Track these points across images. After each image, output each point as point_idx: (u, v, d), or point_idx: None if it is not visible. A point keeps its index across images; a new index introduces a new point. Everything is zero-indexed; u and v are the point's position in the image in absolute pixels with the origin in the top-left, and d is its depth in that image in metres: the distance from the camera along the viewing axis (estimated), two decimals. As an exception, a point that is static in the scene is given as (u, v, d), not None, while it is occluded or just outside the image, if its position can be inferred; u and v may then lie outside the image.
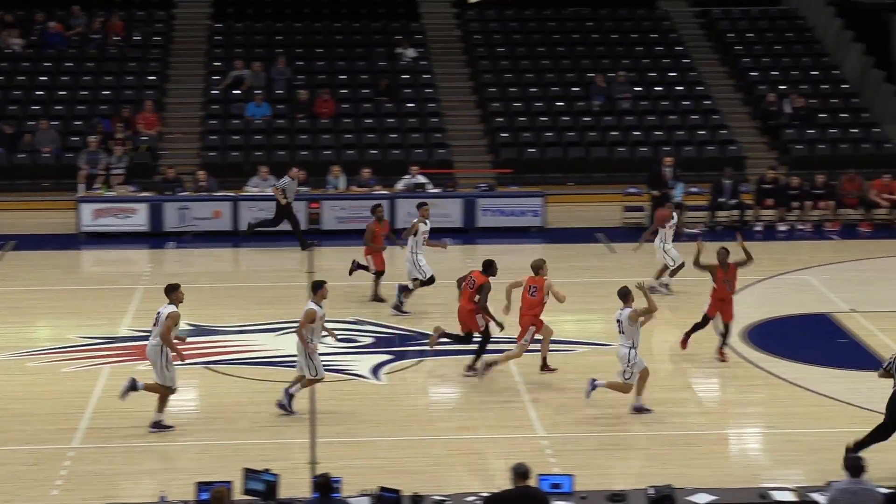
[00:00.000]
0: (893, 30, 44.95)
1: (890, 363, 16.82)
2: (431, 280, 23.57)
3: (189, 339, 20.21)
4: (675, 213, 24.86)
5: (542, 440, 18.04)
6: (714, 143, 34.01)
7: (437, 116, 35.13)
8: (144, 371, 18.93)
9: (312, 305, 18.04)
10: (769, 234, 29.58)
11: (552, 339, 20.47)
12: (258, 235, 28.87)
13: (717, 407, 19.99)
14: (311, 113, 34.73)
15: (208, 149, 33.67)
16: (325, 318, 18.43)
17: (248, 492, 14.04)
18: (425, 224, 23.54)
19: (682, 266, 24.23)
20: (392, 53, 37.27)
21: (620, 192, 30.96)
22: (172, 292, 17.92)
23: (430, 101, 35.74)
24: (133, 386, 17.95)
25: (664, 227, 24.43)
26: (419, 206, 23.98)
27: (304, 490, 15.23)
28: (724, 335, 21.10)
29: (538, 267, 20.22)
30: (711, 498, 14.37)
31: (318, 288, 18.20)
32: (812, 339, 22.22)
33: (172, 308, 17.74)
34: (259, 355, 21.30)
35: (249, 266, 28.13)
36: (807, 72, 37.36)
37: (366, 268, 24.28)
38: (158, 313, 17.81)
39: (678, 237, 24.98)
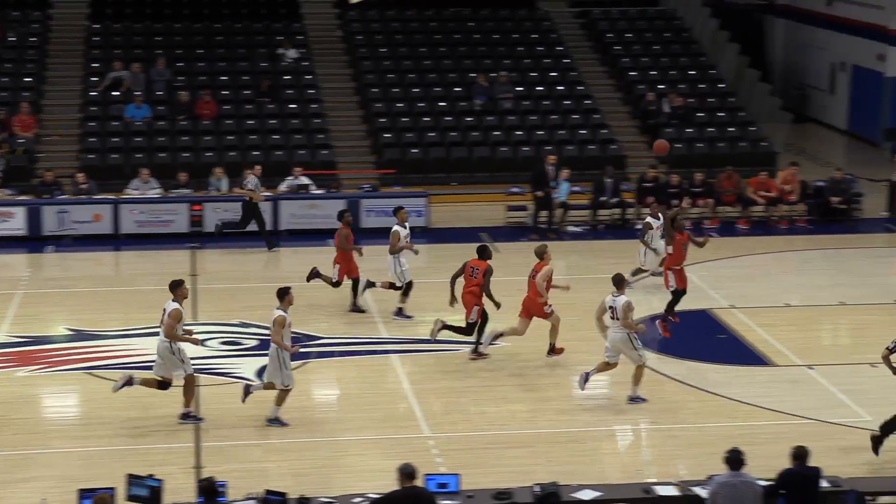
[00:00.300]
0: (767, 30, 45.88)
1: (894, 344, 17.38)
2: (408, 287, 23.29)
3: (70, 345, 19.95)
4: (659, 214, 24.79)
5: (429, 440, 18.09)
6: (595, 143, 34.34)
7: (319, 117, 35.02)
8: (23, 377, 18.61)
9: (280, 312, 18.00)
10: (650, 231, 29.93)
11: (446, 338, 20.56)
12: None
13: (601, 404, 20.18)
14: (192, 114, 34.42)
15: (87, 151, 33.20)
16: (213, 321, 18.31)
17: (131, 498, 13.90)
18: (404, 228, 23.33)
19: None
20: (274, 54, 37.07)
21: (503, 192, 31.11)
22: (177, 288, 18.12)
23: (313, 102, 35.62)
24: (129, 381, 18.20)
25: (652, 228, 24.55)
26: (396, 210, 23.74)
27: (189, 495, 15.12)
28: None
29: (541, 253, 20.90)
30: (596, 494, 14.54)
31: (284, 294, 18.12)
32: (693, 336, 22.53)
33: (176, 306, 17.96)
34: (142, 360, 21.06)
35: (131, 270, 27.79)
36: (684, 72, 37.88)
37: (328, 280, 23.63)
38: (164, 310, 18.06)
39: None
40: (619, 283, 19.17)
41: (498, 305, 21.15)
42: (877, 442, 17.29)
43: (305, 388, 20.13)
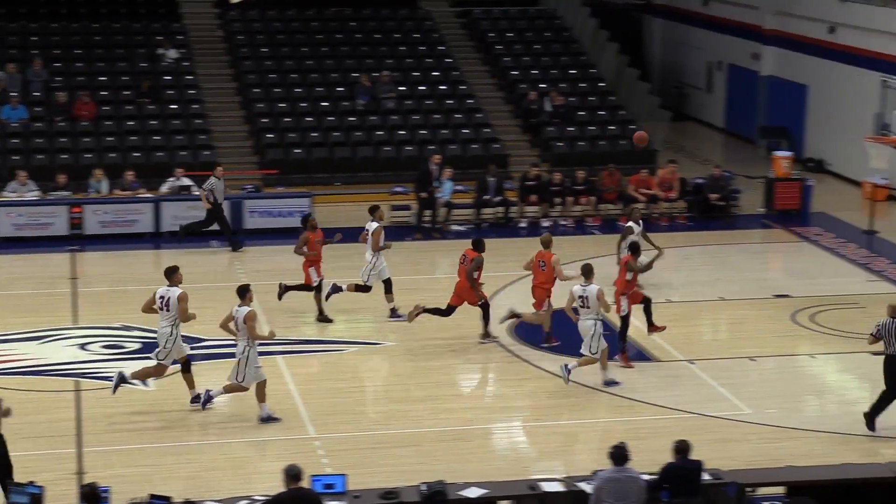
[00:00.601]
0: (646, 30, 46.46)
1: (878, 328, 18.29)
2: (368, 289, 23.20)
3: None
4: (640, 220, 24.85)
5: (314, 441, 18.05)
6: (478, 142, 34.48)
7: (201, 118, 34.71)
8: None
9: (248, 308, 18.20)
10: (533, 230, 30.11)
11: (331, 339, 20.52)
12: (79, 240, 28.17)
13: (485, 401, 20.30)
14: (70, 115, 33.90)
15: (-37, 153, 32.57)
16: (94, 325, 18.12)
17: (12, 506, 13.68)
18: (376, 224, 23.32)
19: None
20: (153, 54, 36.67)
21: (387, 192, 31.11)
22: (172, 274, 18.81)
23: (194, 103, 35.30)
24: (122, 378, 18.77)
25: (632, 233, 24.46)
26: (372, 209, 23.70)
27: (71, 501, 14.90)
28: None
29: (547, 242, 21.51)
30: (483, 492, 14.59)
31: (245, 292, 18.38)
32: (576, 332, 22.65)
33: (179, 290, 18.66)
34: (22, 365, 20.73)
35: (8, 274, 27.28)
36: (565, 71, 38.19)
37: (298, 287, 23.32)
38: (162, 297, 18.69)
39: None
40: (588, 272, 19.83)
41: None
42: (870, 419, 18.46)
43: (189, 392, 19.92)
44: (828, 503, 14.77)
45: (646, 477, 14.30)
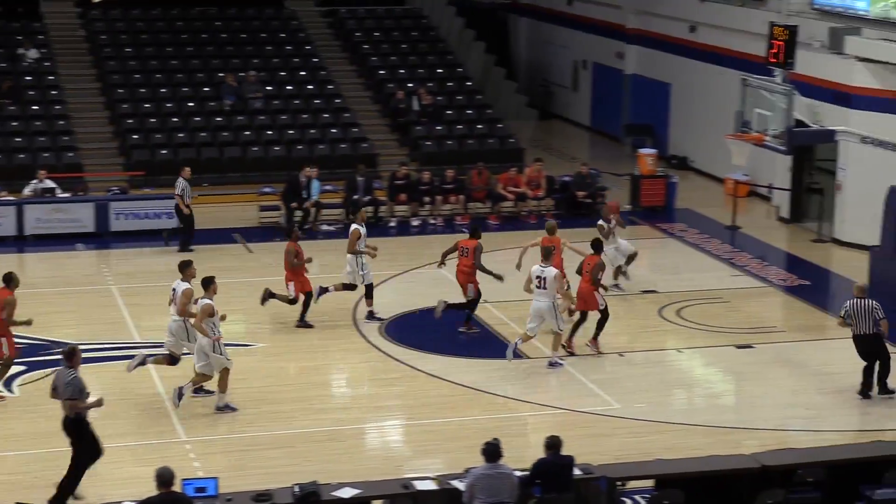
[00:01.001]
0: (512, 29, 46.81)
1: (846, 310, 19.51)
2: (353, 287, 23.08)
3: None
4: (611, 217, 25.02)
5: (185, 444, 17.88)
6: (346, 141, 34.42)
7: (64, 119, 34.13)
8: None
9: (207, 300, 18.53)
10: (403, 229, 30.18)
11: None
12: None
13: (358, 401, 20.29)
14: (-72, 117, 33.16)
15: None
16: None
17: None
18: (363, 227, 23.09)
19: (634, 256, 25.11)
20: (14, 54, 35.97)
21: (256, 192, 30.92)
22: (186, 269, 19.16)
23: (57, 104, 34.71)
24: (143, 361, 19.34)
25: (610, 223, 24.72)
26: (355, 210, 23.96)
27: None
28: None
29: (552, 228, 22.59)
30: (356, 492, 14.59)
31: (209, 283, 18.71)
32: (447, 331, 22.78)
33: (187, 285, 18.95)
34: None
35: None
36: (433, 70, 38.30)
37: (284, 298, 22.80)
38: (174, 290, 19.07)
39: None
40: (549, 254, 20.98)
41: (500, 278, 22.55)
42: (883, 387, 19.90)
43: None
44: (695, 494, 15.02)
45: (518, 473, 14.42)
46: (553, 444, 14.61)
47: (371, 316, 23.18)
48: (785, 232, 30.47)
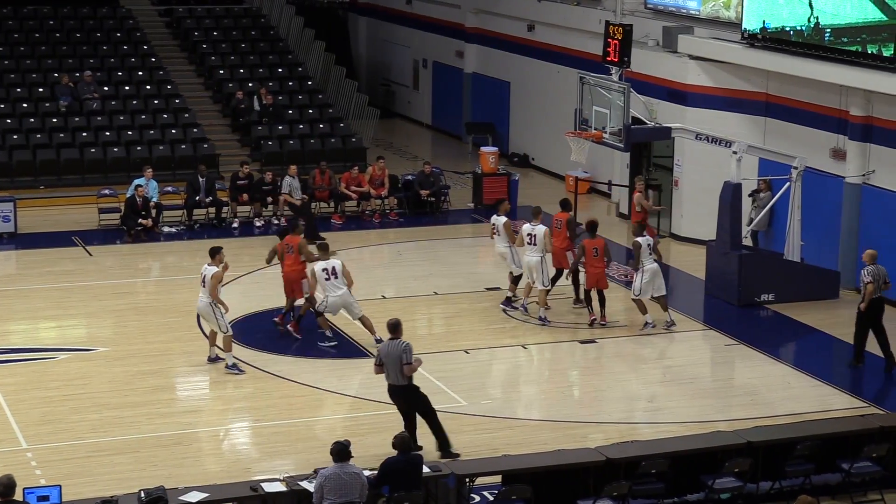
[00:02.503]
0: (351, 28, 46.81)
1: (869, 274, 20.55)
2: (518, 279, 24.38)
3: None
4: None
5: (27, 452, 17.54)
6: (186, 142, 34.02)
7: None
8: None
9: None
10: (246, 229, 29.96)
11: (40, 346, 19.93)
12: None
13: (203, 404, 20.11)
14: None
15: None
16: None
17: None
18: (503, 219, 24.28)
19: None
20: None
21: (95, 194, 30.41)
22: (216, 255, 20.55)
23: None
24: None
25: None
26: (499, 203, 25.59)
27: None
28: None
29: (537, 212, 23.70)
30: (203, 495, 14.47)
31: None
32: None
33: (215, 269, 20.34)
34: None
35: None
36: (273, 69, 38.07)
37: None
38: (203, 274, 20.40)
39: None
40: (537, 213, 23.50)
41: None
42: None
43: None
44: (543, 489, 15.22)
45: (367, 473, 14.46)
46: (401, 442, 14.67)
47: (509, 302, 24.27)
48: (624, 228, 30.95)
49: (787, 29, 26.27)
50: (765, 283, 24.90)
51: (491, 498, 16.00)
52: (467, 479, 15.44)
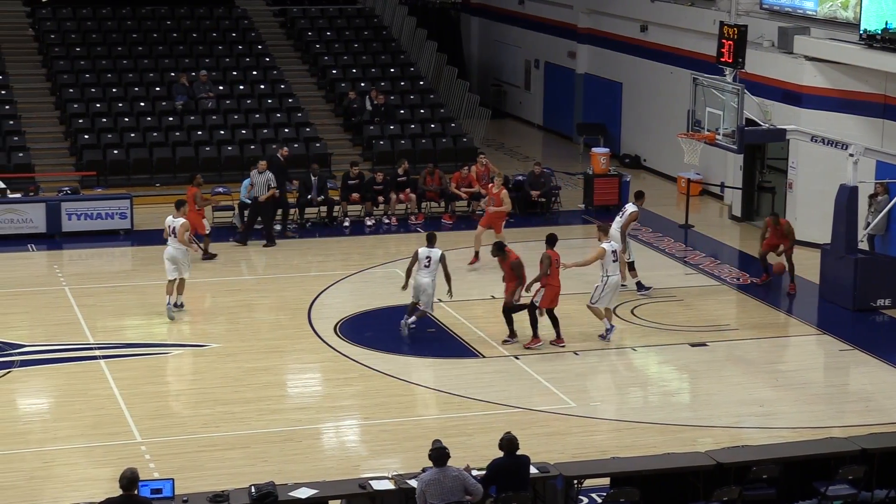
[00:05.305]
0: (463, 28, 46.87)
1: None
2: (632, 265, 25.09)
3: None
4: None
5: (141, 445, 17.80)
6: (299, 141, 34.31)
7: (13, 119, 33.83)
8: None
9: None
10: (357, 228, 30.12)
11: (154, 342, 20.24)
12: None
13: (313, 401, 20.25)
14: None
15: None
16: None
17: None
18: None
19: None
20: (-38, 54, 35.70)
21: (209, 192, 30.71)
22: (181, 207, 23.19)
23: (6, 104, 34.35)
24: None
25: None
26: (638, 195, 26.29)
27: None
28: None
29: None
30: (313, 492, 14.57)
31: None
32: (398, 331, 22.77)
33: (184, 220, 22.86)
34: None
35: None
36: (385, 69, 38.26)
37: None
38: (171, 226, 22.77)
39: None
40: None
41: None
42: None
43: (9, 399, 19.51)
44: (651, 492, 15.10)
45: (476, 472, 14.45)
46: (509, 443, 14.64)
47: (641, 287, 24.91)
48: (737, 230, 30.65)
49: (909, 30, 25.81)
50: (881, 288, 24.46)
51: (599, 500, 15.92)
52: (575, 481, 15.36)
